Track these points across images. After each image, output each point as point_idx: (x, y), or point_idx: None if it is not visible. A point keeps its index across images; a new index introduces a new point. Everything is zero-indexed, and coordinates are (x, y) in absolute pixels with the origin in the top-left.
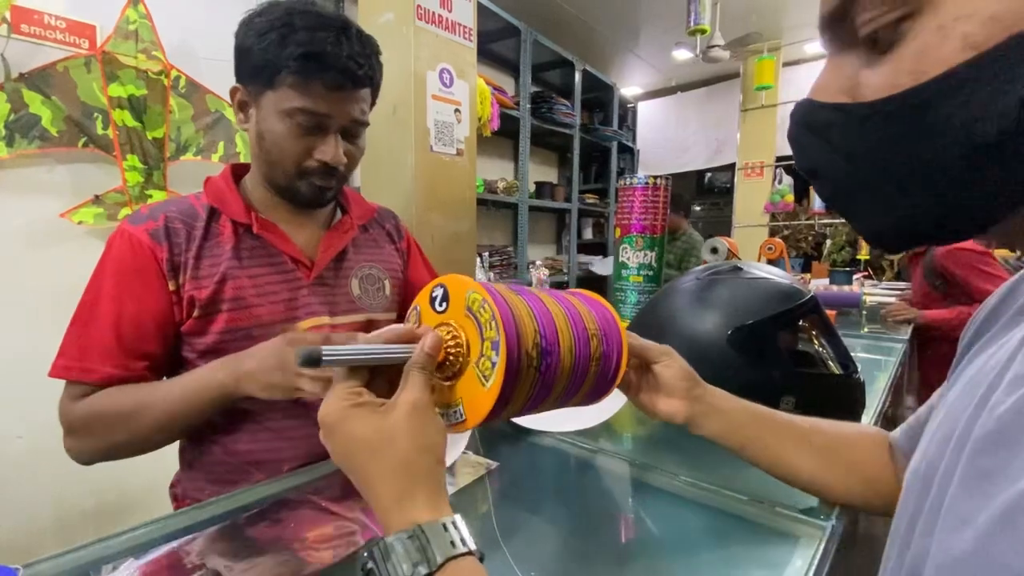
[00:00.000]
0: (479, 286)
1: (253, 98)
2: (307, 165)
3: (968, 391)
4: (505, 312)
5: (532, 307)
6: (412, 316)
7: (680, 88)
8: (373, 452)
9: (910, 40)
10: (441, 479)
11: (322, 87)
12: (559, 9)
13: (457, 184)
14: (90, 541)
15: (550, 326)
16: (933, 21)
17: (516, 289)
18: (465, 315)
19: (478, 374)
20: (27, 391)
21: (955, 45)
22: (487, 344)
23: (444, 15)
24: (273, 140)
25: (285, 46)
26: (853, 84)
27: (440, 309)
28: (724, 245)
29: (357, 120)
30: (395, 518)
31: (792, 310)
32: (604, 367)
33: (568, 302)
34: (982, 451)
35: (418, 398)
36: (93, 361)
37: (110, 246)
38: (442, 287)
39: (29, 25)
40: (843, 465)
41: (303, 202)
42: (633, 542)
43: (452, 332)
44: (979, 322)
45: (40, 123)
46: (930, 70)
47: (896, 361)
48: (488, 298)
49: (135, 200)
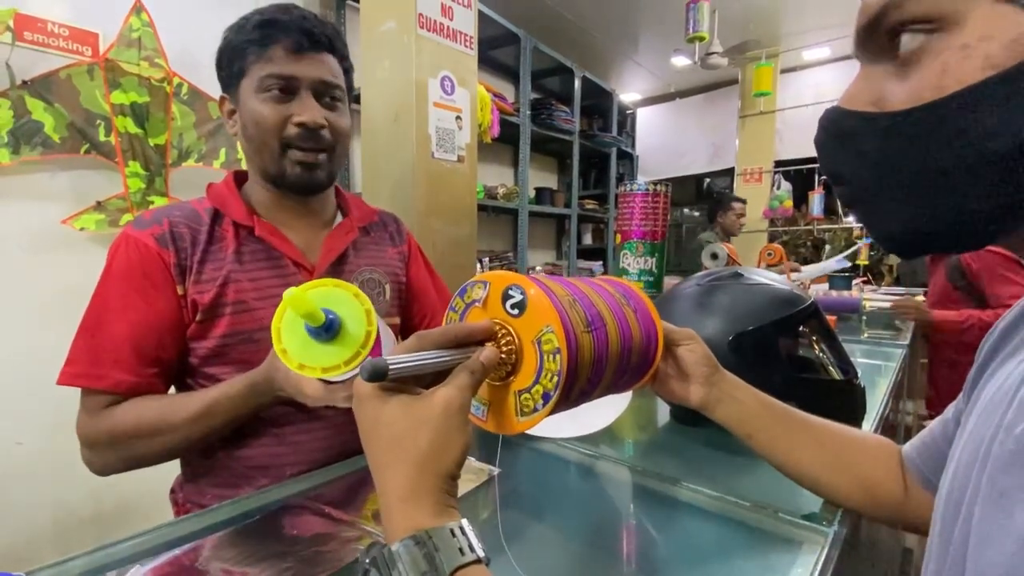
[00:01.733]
0: (556, 318)
1: (234, 99)
2: (288, 133)
3: (990, 410)
4: (569, 372)
5: (594, 338)
6: (476, 292)
7: (679, 94)
8: (394, 439)
9: (935, 56)
10: (453, 483)
11: (282, 50)
12: (559, 17)
13: (458, 190)
14: (93, 548)
15: (600, 355)
16: (958, 40)
17: (577, 297)
18: (532, 344)
19: (517, 404)
20: (28, 396)
21: (977, 64)
22: (539, 388)
23: (445, 23)
24: (252, 120)
25: (244, 29)
26: (881, 95)
27: (514, 313)
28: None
29: (327, 82)
30: (399, 518)
31: (793, 316)
32: (640, 369)
33: (616, 304)
34: (1002, 471)
35: (455, 397)
36: (104, 367)
37: (115, 252)
38: (522, 292)
39: (33, 33)
40: (850, 468)
41: (295, 184)
42: (635, 548)
43: (507, 338)
44: (995, 338)
45: (43, 130)
46: (951, 85)
47: (896, 366)
48: (563, 347)
49: (137, 206)
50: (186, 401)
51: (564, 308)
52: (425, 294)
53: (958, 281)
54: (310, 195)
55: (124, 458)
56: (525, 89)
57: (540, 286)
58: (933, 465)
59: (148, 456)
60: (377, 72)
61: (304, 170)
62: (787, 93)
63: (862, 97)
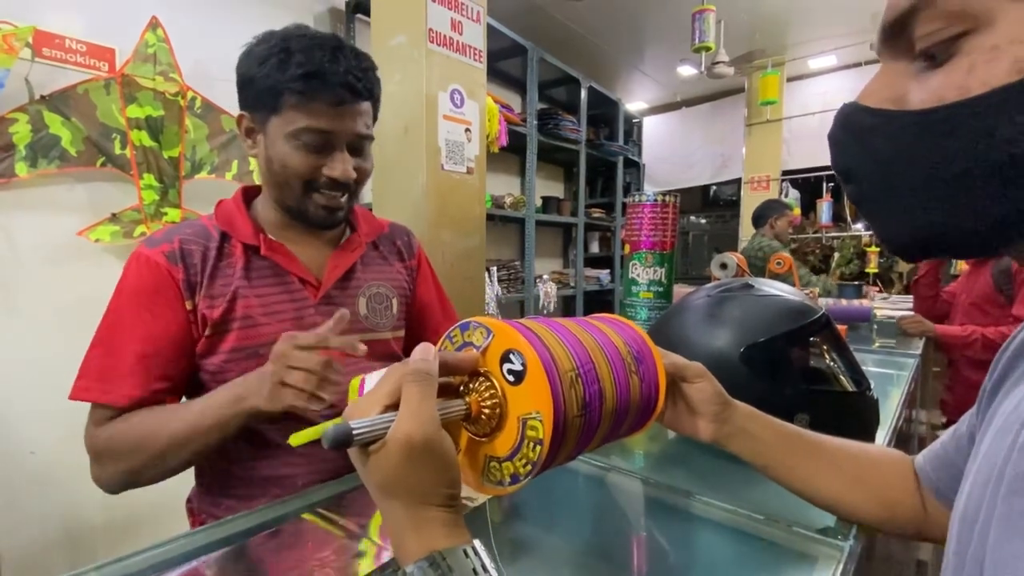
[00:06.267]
0: (549, 406)
1: (259, 124)
2: (315, 180)
3: (1004, 430)
4: (547, 462)
5: (586, 399)
6: (478, 337)
7: (685, 103)
8: (382, 486)
9: (962, 57)
10: (455, 501)
11: (324, 104)
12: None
13: (467, 201)
14: (108, 560)
15: (590, 433)
16: (989, 41)
17: (582, 369)
18: (517, 420)
19: (486, 468)
20: (42, 407)
21: (1005, 66)
22: (510, 466)
23: (455, 38)
24: (282, 162)
25: (285, 70)
26: (901, 93)
27: (509, 379)
28: (733, 261)
29: (361, 135)
30: (411, 543)
31: (804, 327)
32: (637, 424)
33: (622, 366)
34: (1016, 492)
35: (413, 432)
36: (114, 382)
37: (127, 270)
38: (522, 363)
39: (51, 49)
40: (868, 488)
41: (315, 223)
42: (646, 562)
43: (492, 393)
44: (1007, 358)
45: (60, 144)
46: (976, 87)
47: (909, 376)
48: (546, 442)
49: (151, 218)
50: (180, 411)
51: (562, 390)
52: (431, 310)
53: (1004, 286)
54: (327, 230)
55: (124, 470)
56: (532, 99)
57: (544, 359)
58: (948, 480)
59: (147, 468)
60: (387, 85)
61: (327, 213)
62: (794, 102)
63: (882, 94)
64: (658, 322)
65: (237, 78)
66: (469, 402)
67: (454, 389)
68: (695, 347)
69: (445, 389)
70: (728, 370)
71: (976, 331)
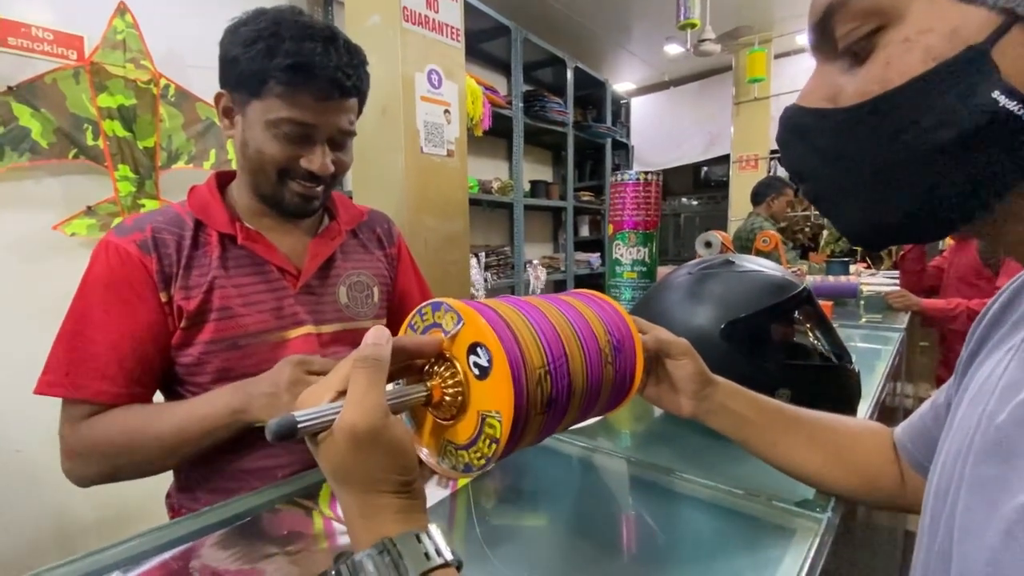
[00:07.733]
0: (509, 407)
1: (238, 106)
2: (291, 169)
3: (977, 400)
4: (502, 456)
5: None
6: (448, 321)
7: (673, 83)
8: (334, 473)
9: (880, 51)
10: (409, 488)
11: (310, 97)
12: (549, 7)
13: (448, 185)
14: (86, 553)
15: (550, 427)
16: (900, 34)
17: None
18: (476, 413)
19: (442, 449)
20: (25, 405)
21: (919, 56)
22: (464, 456)
23: (431, 16)
24: (258, 148)
25: (273, 56)
26: (835, 92)
27: (474, 372)
28: (717, 239)
29: (344, 130)
30: (362, 531)
31: (785, 302)
32: (609, 404)
33: (584, 324)
34: (983, 461)
35: (358, 421)
36: (84, 377)
37: (95, 260)
38: (488, 359)
39: (16, 38)
40: (847, 461)
41: (289, 211)
42: (629, 538)
43: (457, 381)
44: (982, 327)
45: (30, 136)
46: (895, 79)
47: (893, 350)
48: (502, 442)
49: (127, 210)
50: (166, 413)
51: (527, 390)
52: (410, 298)
53: (990, 259)
54: (301, 219)
55: (105, 471)
56: (517, 81)
57: (511, 358)
58: (926, 451)
59: (129, 468)
60: None
61: (301, 201)
62: (782, 79)
63: (818, 94)
64: (640, 302)
65: (220, 53)
66: (431, 387)
67: (418, 369)
68: (677, 325)
69: (409, 369)
70: (709, 347)
71: (961, 303)
